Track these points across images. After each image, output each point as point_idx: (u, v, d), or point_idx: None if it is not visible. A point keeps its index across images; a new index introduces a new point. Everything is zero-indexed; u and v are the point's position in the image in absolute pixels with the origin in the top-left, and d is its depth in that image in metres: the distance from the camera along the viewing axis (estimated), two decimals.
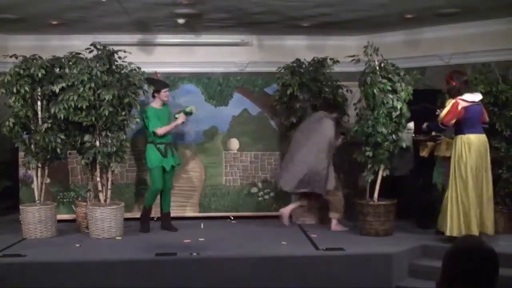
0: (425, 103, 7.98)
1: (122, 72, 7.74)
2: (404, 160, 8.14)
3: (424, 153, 7.48)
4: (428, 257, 6.79)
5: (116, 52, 7.69)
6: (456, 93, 6.97)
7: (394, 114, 7.39)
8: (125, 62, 7.75)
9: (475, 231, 6.66)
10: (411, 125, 7.90)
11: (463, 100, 6.90)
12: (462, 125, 6.94)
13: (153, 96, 8.07)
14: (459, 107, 6.86)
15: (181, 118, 8.07)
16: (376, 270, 6.54)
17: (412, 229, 7.81)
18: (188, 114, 8.15)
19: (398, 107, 7.37)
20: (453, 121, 6.89)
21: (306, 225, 8.33)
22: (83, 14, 8.66)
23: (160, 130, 7.86)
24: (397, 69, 7.57)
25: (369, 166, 7.52)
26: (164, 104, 8.10)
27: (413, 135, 7.57)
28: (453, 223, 6.82)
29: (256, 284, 6.41)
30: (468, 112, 6.90)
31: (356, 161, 7.77)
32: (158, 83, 8.16)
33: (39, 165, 7.71)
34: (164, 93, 8.03)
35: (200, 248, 6.88)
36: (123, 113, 7.66)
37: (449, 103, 6.92)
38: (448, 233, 6.85)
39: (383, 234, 7.44)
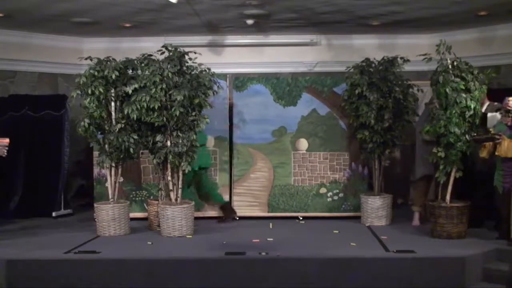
0: None
1: (193, 73, 7.83)
2: None
3: (484, 154, 7.22)
4: (503, 262, 6.58)
5: (187, 53, 7.79)
6: None
7: (467, 114, 7.20)
8: (196, 63, 7.84)
9: None
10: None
11: None
12: None
13: None
14: None
15: None
16: (448, 273, 6.38)
17: (486, 232, 7.58)
18: None
19: (472, 106, 7.18)
20: None
21: (376, 227, 8.22)
22: (155, 17, 8.86)
23: None
24: (470, 67, 7.36)
25: (441, 167, 7.35)
26: None
27: (473, 134, 7.31)
28: None
29: (324, 285, 6.38)
30: None
31: None
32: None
33: (113, 164, 7.89)
34: None
35: (268, 248, 6.89)
36: (194, 113, 7.75)
37: None
38: None
39: (456, 236, 7.25)
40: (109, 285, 6.42)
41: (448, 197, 7.38)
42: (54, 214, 9.17)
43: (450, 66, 7.29)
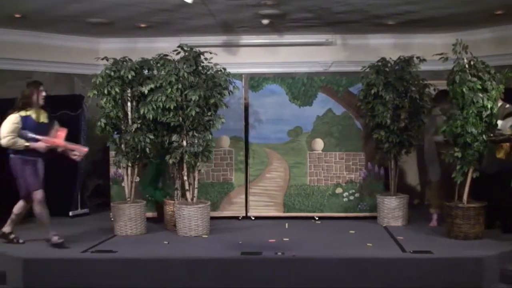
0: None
1: (208, 73, 7.85)
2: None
3: (501, 155, 7.16)
4: None
5: (202, 53, 7.80)
6: None
7: (484, 114, 7.15)
8: (211, 63, 7.85)
9: None
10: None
11: None
12: None
13: None
14: None
15: None
16: (465, 274, 6.34)
17: (502, 233, 7.52)
18: None
19: (489, 106, 7.12)
20: None
21: (393, 227, 8.19)
22: (170, 17, 8.89)
23: None
24: (487, 67, 7.31)
25: (458, 167, 7.30)
26: None
27: (490, 135, 7.26)
28: None
29: (341, 285, 6.36)
30: None
31: None
32: None
33: (129, 164, 7.93)
34: None
35: (284, 248, 6.89)
36: (209, 113, 7.77)
37: None
38: None
39: (472, 237, 7.21)
40: (125, 284, 6.44)
41: (465, 197, 7.34)
42: (71, 213, 9.22)
43: (466, 66, 7.24)
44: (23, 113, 7.03)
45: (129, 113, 7.90)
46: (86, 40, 10.39)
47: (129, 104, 7.91)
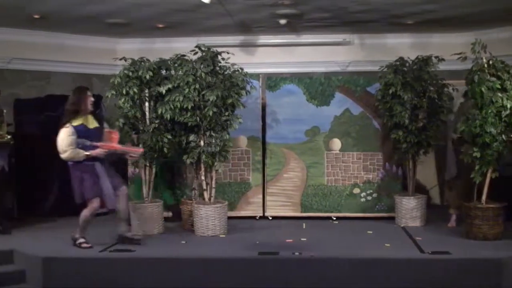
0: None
1: (226, 73, 7.86)
2: None
3: None
4: None
5: (220, 53, 7.81)
6: None
7: (503, 114, 7.10)
8: (228, 63, 7.86)
9: None
10: None
11: None
12: None
13: None
14: None
15: None
16: (484, 275, 6.29)
17: None
18: None
19: (508, 106, 7.06)
20: None
21: (411, 228, 8.14)
22: (187, 17, 8.91)
23: None
24: (506, 66, 7.26)
25: (476, 167, 7.25)
26: None
27: (510, 135, 7.19)
28: None
29: (358, 286, 6.36)
30: None
31: None
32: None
33: (147, 164, 7.96)
34: None
35: (302, 248, 6.89)
36: (227, 113, 7.77)
37: None
38: None
39: (492, 238, 7.16)
40: (143, 283, 6.48)
41: (484, 198, 7.29)
42: None
43: (485, 65, 7.19)
44: (74, 122, 6.98)
45: (147, 113, 7.94)
46: (104, 41, 10.44)
47: (147, 104, 7.94)
